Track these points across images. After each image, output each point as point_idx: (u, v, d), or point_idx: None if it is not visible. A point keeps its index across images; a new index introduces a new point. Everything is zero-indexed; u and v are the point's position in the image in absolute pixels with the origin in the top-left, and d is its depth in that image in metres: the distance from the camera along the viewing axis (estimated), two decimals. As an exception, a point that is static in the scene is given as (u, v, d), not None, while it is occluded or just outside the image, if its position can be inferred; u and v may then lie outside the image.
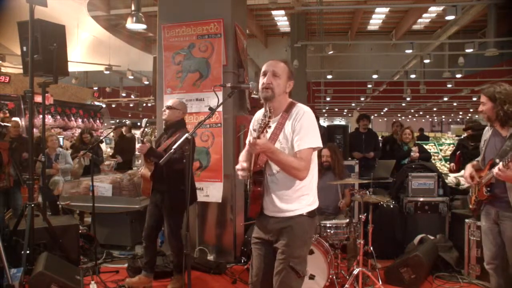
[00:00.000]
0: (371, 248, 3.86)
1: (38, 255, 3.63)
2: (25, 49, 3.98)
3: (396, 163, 5.57)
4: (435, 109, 29.58)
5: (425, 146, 7.71)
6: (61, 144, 8.03)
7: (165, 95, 4.79)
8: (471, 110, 28.82)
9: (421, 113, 33.47)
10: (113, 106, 21.09)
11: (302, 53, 14.71)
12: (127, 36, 16.05)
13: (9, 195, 4.89)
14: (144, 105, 19.81)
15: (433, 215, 4.79)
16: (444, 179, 5.03)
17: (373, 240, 3.89)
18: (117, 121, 20.41)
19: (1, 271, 3.25)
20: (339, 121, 35.38)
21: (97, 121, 12.08)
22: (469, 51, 12.54)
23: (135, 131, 9.90)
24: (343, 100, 24.80)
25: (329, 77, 17.31)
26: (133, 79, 17.01)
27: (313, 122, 2.25)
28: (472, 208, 3.04)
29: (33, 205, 3.73)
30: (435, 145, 10.31)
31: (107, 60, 12.89)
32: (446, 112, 32.94)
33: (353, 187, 4.40)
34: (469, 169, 2.98)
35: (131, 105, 21.50)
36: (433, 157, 8.78)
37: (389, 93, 21.92)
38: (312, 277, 3.46)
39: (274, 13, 17.28)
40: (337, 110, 31.50)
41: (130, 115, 22.72)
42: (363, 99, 23.31)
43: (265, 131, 2.05)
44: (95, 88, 17.09)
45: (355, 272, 3.63)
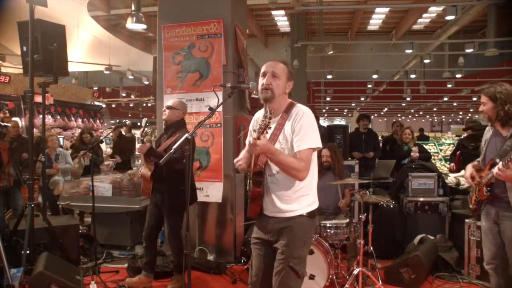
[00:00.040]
0: (371, 248, 3.86)
1: (38, 255, 3.63)
2: (25, 49, 3.98)
3: (396, 163, 5.57)
4: (435, 109, 29.58)
5: (425, 146, 7.71)
6: (61, 144, 8.03)
7: (165, 95, 4.79)
8: (471, 110, 28.82)
9: (421, 113, 33.47)
10: (113, 106, 21.09)
11: (302, 53, 14.71)
12: (127, 36, 16.05)
13: (9, 195, 4.89)
14: (144, 105, 19.81)
15: (433, 215, 4.79)
16: (444, 179, 5.03)
17: (373, 240, 3.89)
18: (117, 121, 20.42)
19: (1, 271, 3.26)
20: (339, 121, 35.38)
21: (97, 121, 12.09)
22: (469, 51, 12.55)
23: (135, 131, 9.90)
24: (343, 100, 24.81)
25: (329, 77, 17.32)
26: (133, 79, 17.01)
27: (313, 122, 2.25)
28: (472, 208, 3.04)
29: (33, 205, 3.74)
30: (435, 145, 10.31)
31: (107, 60, 12.90)
32: (446, 112, 32.94)
33: (353, 187, 4.40)
34: (469, 169, 2.98)
35: (131, 105, 21.49)
36: (433, 157, 8.78)
37: (389, 93, 21.92)
38: (312, 277, 3.46)
39: (274, 13, 17.28)
40: (337, 110, 31.50)
41: (130, 115, 22.73)
42: (363, 99, 23.31)
43: (265, 132, 2.05)
44: (95, 88, 17.09)
45: (355, 272, 3.63)
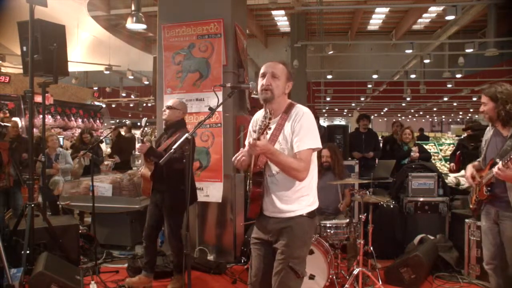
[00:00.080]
0: (371, 248, 3.85)
1: (38, 255, 3.63)
2: (25, 49, 3.98)
3: (396, 163, 5.56)
4: (435, 109, 29.58)
5: (425, 146, 7.71)
6: (61, 144, 8.03)
7: (165, 95, 4.79)
8: (471, 110, 28.83)
9: (421, 113, 33.47)
10: (113, 106, 21.09)
11: (302, 53, 14.71)
12: (127, 36, 16.05)
13: (9, 195, 4.89)
14: (144, 105, 19.80)
15: (433, 215, 4.79)
16: (444, 179, 5.03)
17: (373, 240, 3.89)
18: (117, 121, 20.41)
19: (1, 271, 3.26)
20: (339, 121, 35.38)
21: (97, 121, 12.09)
22: (469, 51, 12.55)
23: (135, 131, 9.90)
24: (343, 100, 24.81)
25: (329, 77, 17.32)
26: (133, 79, 17.01)
27: (313, 123, 2.25)
28: (472, 208, 3.04)
29: (33, 205, 3.74)
30: (435, 145, 10.30)
31: (107, 60, 12.89)
32: (446, 112, 32.94)
33: (353, 187, 4.40)
34: (470, 169, 2.98)
35: (131, 105, 21.49)
36: (433, 157, 8.77)
37: (389, 93, 21.93)
38: (312, 277, 3.46)
39: (274, 13, 17.29)
40: (337, 110, 31.51)
41: (130, 115, 22.73)
42: (363, 99, 23.32)
43: (265, 132, 2.05)
44: (95, 88, 17.09)
45: (355, 272, 3.63)
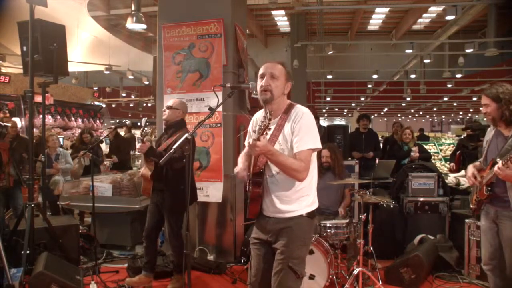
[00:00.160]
0: (371, 248, 3.85)
1: (38, 255, 3.63)
2: (25, 49, 3.98)
3: (396, 163, 5.57)
4: (435, 109, 29.57)
5: (425, 146, 7.71)
6: (62, 144, 8.03)
7: (165, 95, 4.79)
8: (471, 110, 28.85)
9: (421, 113, 33.47)
10: (113, 106, 21.09)
11: (302, 53, 14.72)
12: (127, 36, 16.04)
13: (9, 195, 4.89)
14: (144, 105, 19.79)
15: (433, 215, 4.79)
16: (444, 179, 5.02)
17: (373, 240, 3.89)
18: (117, 121, 20.40)
19: (1, 271, 3.26)
20: (339, 121, 35.38)
21: (97, 121, 12.09)
22: (469, 51, 12.54)
23: (135, 131, 9.90)
24: (343, 100, 24.81)
25: (329, 77, 17.31)
26: (133, 79, 17.01)
27: (312, 123, 2.25)
28: (472, 208, 3.04)
29: (33, 205, 3.74)
30: (435, 145, 10.31)
31: (107, 60, 12.89)
32: (446, 112, 32.94)
33: (353, 187, 4.40)
34: (471, 169, 2.98)
35: (131, 105, 21.48)
36: (433, 157, 8.78)
37: (389, 93, 21.93)
38: (312, 277, 3.46)
39: (274, 13, 17.28)
40: (337, 110, 31.50)
41: (130, 115, 22.71)
42: (363, 99, 23.32)
43: (265, 132, 2.05)
44: (95, 88, 17.08)
45: (355, 272, 3.63)
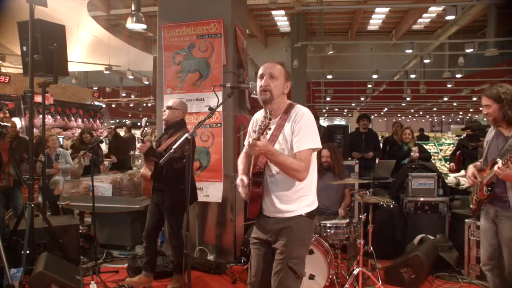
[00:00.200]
0: (371, 248, 3.85)
1: (38, 255, 3.63)
2: (25, 49, 3.98)
3: (396, 163, 5.57)
4: (435, 109, 29.57)
5: (425, 146, 7.71)
6: (62, 144, 8.02)
7: (165, 95, 4.79)
8: (471, 110, 28.84)
9: (421, 113, 33.46)
10: (113, 106, 21.08)
11: (302, 53, 14.72)
12: (127, 36, 16.03)
13: (9, 195, 4.89)
14: (144, 105, 19.80)
15: (433, 215, 4.79)
16: (444, 179, 5.02)
17: (373, 240, 3.89)
18: (117, 121, 20.39)
19: (1, 271, 3.26)
20: (339, 121, 35.38)
21: (97, 121, 12.08)
22: (469, 51, 12.54)
23: (135, 131, 9.90)
24: (343, 100, 24.80)
25: (329, 77, 17.31)
26: (133, 79, 17.01)
27: (312, 123, 2.25)
28: (473, 208, 3.04)
29: (33, 205, 3.74)
30: (435, 145, 10.31)
31: (107, 60, 12.89)
32: (446, 112, 32.94)
33: (353, 187, 4.40)
34: (471, 169, 2.98)
35: (131, 105, 21.48)
36: (433, 157, 8.78)
37: (389, 93, 21.92)
38: (312, 277, 3.46)
39: (274, 13, 17.28)
40: (337, 110, 31.50)
41: (130, 115, 22.71)
42: (363, 99, 23.31)
43: (265, 132, 2.05)
44: (95, 88, 17.08)
45: (355, 272, 3.63)
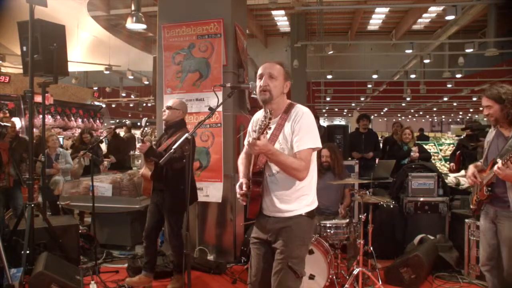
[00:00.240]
0: (371, 248, 3.85)
1: (38, 255, 3.63)
2: (25, 49, 3.98)
3: (396, 163, 5.57)
4: (435, 109, 29.56)
5: (425, 146, 7.71)
6: (62, 144, 8.02)
7: (165, 95, 4.79)
8: (471, 110, 28.83)
9: (421, 113, 33.46)
10: (113, 106, 21.07)
11: (302, 53, 14.72)
12: (127, 36, 16.03)
13: (9, 195, 4.89)
14: (144, 105, 19.79)
15: (433, 215, 4.79)
16: (444, 179, 5.02)
17: (373, 240, 3.89)
18: (117, 121, 20.40)
19: (1, 271, 3.26)
20: (339, 121, 35.38)
21: (97, 121, 12.08)
22: (469, 51, 12.54)
23: (135, 131, 9.90)
24: (343, 100, 24.80)
25: (329, 77, 17.30)
26: (133, 79, 17.00)
27: (312, 122, 2.25)
28: (473, 208, 3.04)
29: (33, 205, 3.74)
30: (435, 145, 10.31)
31: (107, 60, 12.89)
32: (446, 112, 32.93)
33: (353, 187, 4.40)
34: (471, 169, 2.98)
35: (131, 105, 21.47)
36: (433, 157, 8.78)
37: (389, 93, 21.92)
38: (312, 277, 3.46)
39: (274, 13, 17.29)
40: (337, 110, 31.49)
41: (130, 115, 22.71)
42: (363, 99, 23.31)
43: (265, 132, 2.05)
44: (95, 88, 17.08)
45: (355, 272, 3.63)
